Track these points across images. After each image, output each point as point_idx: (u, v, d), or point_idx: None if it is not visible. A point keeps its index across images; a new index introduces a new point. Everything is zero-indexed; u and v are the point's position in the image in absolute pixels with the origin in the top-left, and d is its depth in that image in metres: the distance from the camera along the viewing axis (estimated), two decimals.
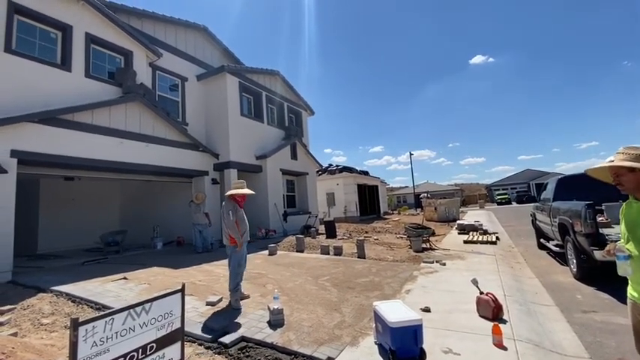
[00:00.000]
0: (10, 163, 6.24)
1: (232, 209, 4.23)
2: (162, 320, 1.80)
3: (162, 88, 10.49)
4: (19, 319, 4.23)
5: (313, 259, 7.26)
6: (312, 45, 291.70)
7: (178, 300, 1.91)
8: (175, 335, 1.88)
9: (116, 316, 1.57)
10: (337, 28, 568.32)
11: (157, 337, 1.76)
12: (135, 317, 1.66)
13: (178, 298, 1.91)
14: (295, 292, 4.77)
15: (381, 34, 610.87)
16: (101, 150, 7.69)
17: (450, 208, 17.92)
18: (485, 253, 7.42)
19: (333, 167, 23.23)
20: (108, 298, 4.61)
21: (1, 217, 6.10)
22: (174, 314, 1.87)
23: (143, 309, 1.70)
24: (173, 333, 1.86)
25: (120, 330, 1.59)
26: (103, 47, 8.58)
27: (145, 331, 1.70)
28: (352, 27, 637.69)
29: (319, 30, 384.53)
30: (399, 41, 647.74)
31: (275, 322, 3.57)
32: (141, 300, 1.75)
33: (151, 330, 1.73)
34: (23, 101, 6.66)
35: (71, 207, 11.78)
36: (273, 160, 12.17)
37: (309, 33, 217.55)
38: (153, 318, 1.74)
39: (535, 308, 4.01)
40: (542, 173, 49.41)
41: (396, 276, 5.58)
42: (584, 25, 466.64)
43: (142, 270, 6.49)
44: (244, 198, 4.42)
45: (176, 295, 1.90)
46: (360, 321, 3.63)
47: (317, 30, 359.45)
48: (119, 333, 1.58)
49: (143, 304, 1.71)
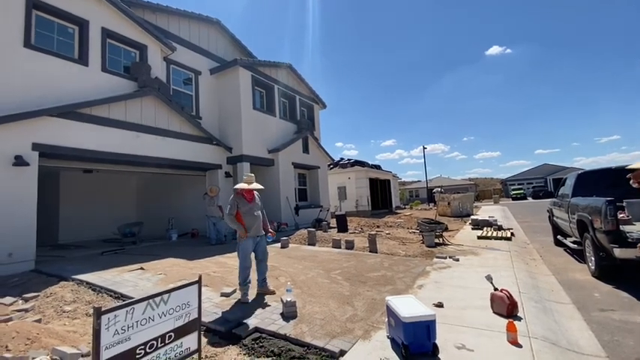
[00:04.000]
0: (31, 156, 6.45)
1: (232, 204, 4.23)
2: (180, 311, 1.84)
3: (177, 82, 10.61)
4: (43, 306, 4.42)
5: (325, 253, 7.30)
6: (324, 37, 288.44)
7: (195, 291, 1.95)
8: (192, 325, 1.93)
9: (136, 305, 1.62)
10: (349, 18, 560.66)
11: (175, 326, 1.81)
12: (154, 307, 1.71)
13: (195, 290, 1.95)
14: (307, 285, 4.82)
15: (395, 25, 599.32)
16: (118, 143, 7.86)
17: (463, 203, 17.65)
18: (500, 249, 7.30)
19: (344, 161, 23.13)
20: (126, 288, 4.75)
21: (24, 209, 6.32)
22: (191, 305, 1.91)
23: (162, 299, 1.75)
24: (190, 323, 1.91)
25: (140, 319, 1.64)
26: (119, 41, 8.71)
27: (164, 320, 1.75)
28: (364, 16, 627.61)
29: (331, 21, 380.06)
30: (413, 31, 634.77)
31: (288, 314, 3.61)
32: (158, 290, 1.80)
33: (169, 320, 1.78)
34: (42, 96, 6.85)
35: (90, 199, 12.14)
36: (285, 154, 12.20)
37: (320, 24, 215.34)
38: (171, 308, 1.79)
39: (551, 306, 3.93)
40: (560, 168, 48.06)
41: (409, 271, 5.56)
42: (607, 15, 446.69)
43: (158, 261, 6.67)
44: (251, 192, 4.40)
45: (193, 286, 1.95)
46: (372, 315, 3.65)
47: (329, 21, 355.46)
48: (139, 322, 1.63)
49: (162, 294, 1.76)
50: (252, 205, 4.34)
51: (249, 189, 4.32)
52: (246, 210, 4.26)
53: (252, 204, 4.36)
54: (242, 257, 4.23)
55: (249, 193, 4.36)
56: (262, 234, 4.44)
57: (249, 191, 4.37)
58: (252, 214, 4.29)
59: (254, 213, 4.31)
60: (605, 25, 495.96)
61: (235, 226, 4.20)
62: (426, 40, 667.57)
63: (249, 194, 4.37)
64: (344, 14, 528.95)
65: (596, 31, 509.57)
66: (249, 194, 4.36)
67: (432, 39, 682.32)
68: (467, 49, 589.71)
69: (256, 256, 4.41)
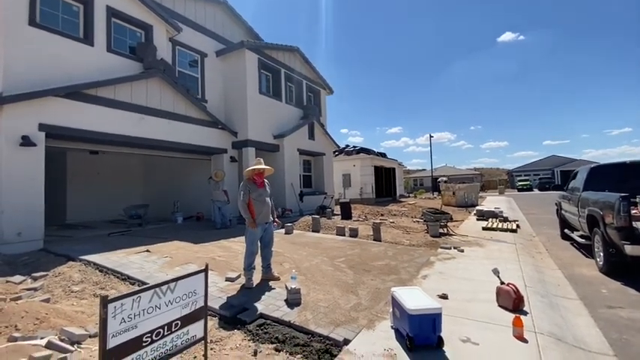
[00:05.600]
0: (38, 136, 6.45)
1: (245, 190, 4.24)
2: (187, 299, 1.83)
3: (182, 63, 10.45)
4: (51, 286, 4.49)
5: (329, 240, 7.31)
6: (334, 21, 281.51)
7: (202, 280, 1.93)
8: (199, 313, 1.92)
9: (143, 294, 1.61)
10: (356, 4, 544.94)
11: (181, 314, 1.80)
12: (161, 296, 1.69)
13: (202, 279, 1.93)
14: (312, 272, 4.83)
15: (406, 9, 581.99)
16: (123, 125, 7.82)
17: (468, 193, 17.52)
18: (505, 241, 7.24)
19: (350, 148, 22.95)
20: (132, 270, 4.81)
21: (31, 188, 6.36)
22: (197, 293, 1.90)
23: (168, 288, 1.73)
24: (197, 311, 1.90)
25: (147, 307, 1.62)
26: (124, 21, 8.53)
27: (171, 309, 1.74)
28: (373, 1, 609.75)
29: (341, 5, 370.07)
30: (423, 16, 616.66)
31: (292, 301, 3.63)
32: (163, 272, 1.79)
33: (176, 308, 1.77)
34: (48, 76, 6.78)
35: (97, 180, 12.23)
36: (290, 140, 12.10)
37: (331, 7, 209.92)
38: (178, 297, 1.78)
39: (557, 301, 3.90)
40: (568, 160, 47.36)
41: (413, 260, 5.54)
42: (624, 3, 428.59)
43: (163, 243, 6.73)
44: (261, 177, 4.38)
45: (199, 275, 1.93)
46: (376, 304, 3.65)
47: (339, 5, 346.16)
48: (146, 310, 1.62)
49: (168, 283, 1.74)
50: (262, 191, 4.33)
51: (259, 170, 4.30)
52: (256, 196, 4.25)
53: (262, 190, 4.35)
54: (249, 243, 4.25)
55: (259, 179, 4.34)
56: (270, 220, 4.44)
57: (260, 177, 4.36)
58: (262, 201, 4.28)
59: (263, 199, 4.30)
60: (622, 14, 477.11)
61: (246, 214, 4.20)
62: (437, 25, 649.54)
63: (260, 180, 4.35)
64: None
65: (612, 20, 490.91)
66: (259, 179, 4.34)
67: (443, 24, 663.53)
68: (478, 35, 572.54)
69: (262, 242, 4.42)
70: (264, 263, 4.48)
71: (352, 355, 2.61)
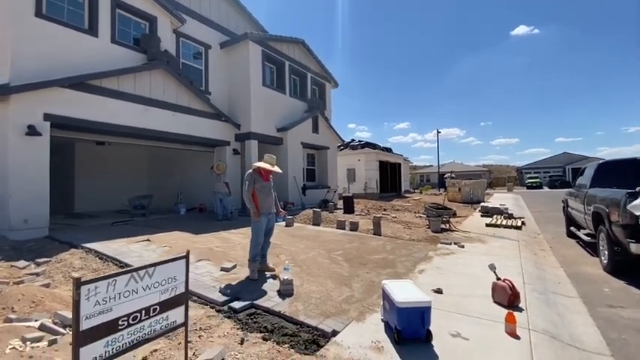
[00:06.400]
0: (43, 126, 6.54)
1: (250, 180, 4.27)
2: (166, 284, 1.83)
3: (186, 55, 10.45)
4: (53, 271, 4.59)
5: (329, 233, 7.30)
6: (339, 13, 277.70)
7: (182, 266, 1.93)
8: (179, 299, 1.92)
9: (119, 278, 1.60)
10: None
11: (160, 300, 1.80)
12: (138, 280, 1.69)
13: (182, 264, 1.93)
14: (307, 264, 4.82)
15: (416, 1, 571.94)
16: (126, 116, 7.88)
17: (475, 189, 17.28)
18: (509, 238, 7.13)
19: (355, 142, 22.81)
20: (131, 258, 4.87)
21: (37, 177, 6.46)
22: (177, 279, 1.89)
23: (146, 273, 1.73)
24: (177, 297, 1.90)
25: (123, 291, 1.62)
26: (128, 12, 8.54)
27: (148, 293, 1.74)
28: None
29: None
30: (434, 9, 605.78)
31: (285, 292, 3.63)
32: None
33: (154, 293, 1.77)
34: (53, 66, 6.84)
35: (104, 171, 12.40)
36: (294, 133, 12.06)
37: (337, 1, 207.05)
38: (156, 282, 1.77)
39: (556, 299, 3.82)
40: (580, 157, 46.25)
41: (411, 255, 5.49)
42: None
43: (164, 233, 6.80)
44: (269, 173, 4.44)
45: (180, 261, 1.92)
46: (368, 297, 3.62)
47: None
48: (122, 294, 1.62)
49: (146, 268, 1.73)
50: (267, 184, 4.40)
51: (270, 169, 4.35)
52: (260, 187, 4.31)
53: (267, 182, 4.42)
54: (255, 233, 4.28)
55: (266, 174, 4.40)
56: (273, 211, 4.52)
57: (267, 173, 4.40)
58: (266, 192, 4.36)
59: (268, 190, 4.39)
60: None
61: (251, 205, 4.23)
62: (449, 18, 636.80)
63: (267, 175, 4.41)
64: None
65: (630, 14, 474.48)
66: (266, 173, 4.40)
67: (454, 17, 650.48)
68: (491, 28, 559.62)
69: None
70: (260, 253, 4.49)
71: (339, 346, 2.60)
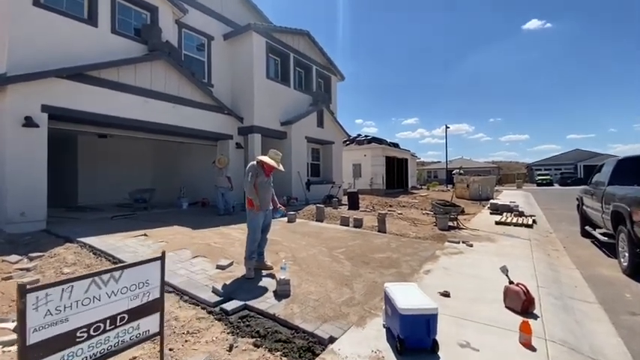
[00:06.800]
0: (41, 117, 6.40)
1: (253, 172, 4.09)
2: (136, 290, 1.62)
3: (188, 47, 10.23)
4: (45, 267, 4.45)
5: (331, 230, 7.07)
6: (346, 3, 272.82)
7: (157, 269, 1.71)
8: (153, 306, 1.71)
9: (76, 283, 1.40)
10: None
11: (129, 307, 1.59)
12: (101, 286, 1.48)
13: (157, 267, 1.71)
14: (307, 262, 4.61)
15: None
16: (126, 108, 7.71)
17: (483, 186, 16.84)
18: (519, 237, 6.82)
19: (361, 137, 22.44)
20: (125, 254, 4.71)
21: (34, 170, 6.34)
22: (151, 284, 1.68)
23: (111, 277, 1.52)
24: (150, 303, 1.69)
25: (82, 299, 1.41)
26: (129, 2, 8.34)
27: (115, 300, 1.53)
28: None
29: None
30: (444, 1, 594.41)
31: (281, 293, 3.42)
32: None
33: (122, 300, 1.56)
34: (52, 56, 6.68)
35: (107, 163, 12.33)
36: (298, 127, 11.80)
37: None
38: (124, 287, 1.57)
39: (573, 304, 3.54)
40: (592, 154, 45.08)
41: (416, 254, 5.24)
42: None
43: (163, 228, 6.65)
44: (271, 170, 4.26)
45: (154, 263, 1.71)
46: (370, 299, 3.39)
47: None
48: (81, 302, 1.41)
49: (111, 271, 1.52)
50: (267, 179, 4.25)
51: (274, 166, 4.16)
52: (260, 182, 4.14)
53: (268, 178, 4.26)
54: (252, 229, 4.10)
55: (269, 170, 4.23)
56: (271, 207, 4.34)
57: (270, 169, 4.22)
58: (266, 188, 4.21)
59: (267, 186, 4.24)
60: None
61: (253, 196, 4.05)
62: (459, 11, 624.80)
63: (269, 170, 4.24)
64: None
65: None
66: (269, 169, 4.23)
67: (465, 11, 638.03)
68: (502, 22, 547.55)
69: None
70: (257, 250, 4.29)
71: (336, 356, 2.38)
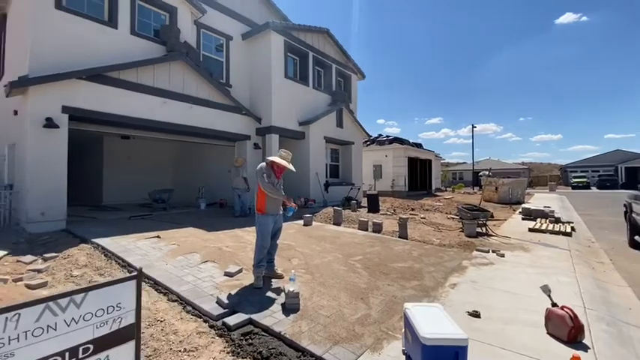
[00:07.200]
0: (61, 118, 6.49)
1: (267, 172, 3.85)
2: (104, 315, 1.37)
3: (207, 47, 10.21)
4: (57, 268, 4.40)
5: (349, 235, 6.72)
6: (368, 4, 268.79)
7: (131, 289, 1.46)
8: (126, 333, 1.46)
9: (24, 311, 1.17)
10: None
11: (94, 336, 1.35)
12: (57, 312, 1.25)
13: (131, 287, 1.46)
14: (321, 270, 4.30)
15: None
16: (144, 109, 7.73)
17: (514, 188, 15.84)
18: (557, 247, 6.18)
19: (382, 137, 21.86)
20: (135, 257, 4.60)
21: (55, 170, 6.43)
22: (123, 307, 1.43)
23: (71, 301, 1.28)
24: (122, 330, 1.44)
25: (32, 329, 1.18)
26: (148, 3, 8.38)
27: (75, 329, 1.30)
28: None
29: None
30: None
31: (289, 307, 3.13)
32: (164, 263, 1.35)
33: (84, 328, 1.32)
34: (72, 58, 6.78)
35: (130, 164, 12.61)
36: (316, 127, 11.52)
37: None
38: (88, 312, 1.33)
39: (630, 332, 3.01)
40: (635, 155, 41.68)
41: (441, 264, 4.80)
42: None
43: (177, 229, 6.57)
44: (282, 171, 4.01)
45: (128, 283, 1.46)
46: (388, 318, 3.03)
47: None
48: (31, 332, 1.18)
49: (71, 294, 1.29)
50: (278, 182, 3.99)
51: (283, 165, 3.91)
52: (272, 181, 3.89)
53: (278, 180, 4.00)
54: (261, 235, 3.83)
55: (279, 171, 3.98)
56: (281, 212, 4.05)
57: (281, 170, 3.98)
58: (277, 190, 3.93)
59: (279, 189, 3.97)
60: None
61: (278, 194, 3.83)
62: (487, 5, 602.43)
63: (280, 171, 3.98)
64: None
65: None
66: (279, 170, 3.98)
67: (493, 4, 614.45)
68: (534, 16, 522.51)
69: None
70: (267, 257, 4.02)
71: None
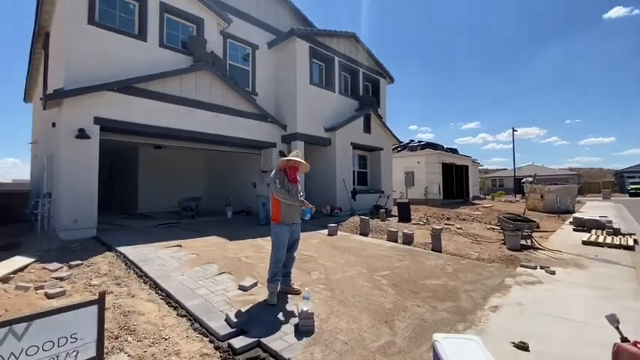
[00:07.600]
0: (93, 129, 6.75)
1: (279, 178, 3.57)
2: (55, 348, 1.15)
3: (233, 56, 10.35)
4: (79, 276, 4.42)
5: (376, 247, 6.28)
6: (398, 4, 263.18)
7: (92, 317, 1.23)
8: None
9: None
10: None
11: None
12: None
13: (92, 315, 1.23)
14: (342, 287, 3.94)
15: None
16: (172, 119, 7.88)
17: (562, 196, 14.42)
18: (619, 263, 5.33)
19: (414, 143, 21.07)
20: (153, 266, 4.53)
21: (86, 179, 6.66)
22: (80, 338, 1.20)
23: (10, 332, 1.06)
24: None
25: None
26: (176, 16, 8.65)
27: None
28: None
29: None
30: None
31: (302, 329, 2.81)
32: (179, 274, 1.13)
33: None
34: (104, 70, 7.07)
35: (163, 173, 13.05)
36: (343, 133, 11.21)
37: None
38: (33, 345, 1.10)
39: None
40: None
41: (480, 282, 4.24)
42: None
43: (200, 238, 6.51)
44: (295, 172, 3.70)
45: (88, 309, 1.23)
46: (415, 347, 2.61)
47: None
48: None
49: (10, 324, 1.06)
50: (293, 187, 3.64)
51: (294, 162, 3.62)
52: (286, 186, 3.59)
53: (293, 186, 3.66)
54: (276, 247, 3.56)
55: (292, 173, 3.67)
56: (298, 221, 3.73)
57: (294, 172, 3.68)
58: (291, 196, 3.61)
59: (294, 195, 3.63)
60: None
61: (292, 199, 3.53)
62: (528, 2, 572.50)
63: (293, 174, 3.67)
64: None
65: None
66: (292, 174, 3.67)
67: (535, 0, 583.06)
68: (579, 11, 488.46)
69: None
70: (283, 271, 3.73)
71: None
